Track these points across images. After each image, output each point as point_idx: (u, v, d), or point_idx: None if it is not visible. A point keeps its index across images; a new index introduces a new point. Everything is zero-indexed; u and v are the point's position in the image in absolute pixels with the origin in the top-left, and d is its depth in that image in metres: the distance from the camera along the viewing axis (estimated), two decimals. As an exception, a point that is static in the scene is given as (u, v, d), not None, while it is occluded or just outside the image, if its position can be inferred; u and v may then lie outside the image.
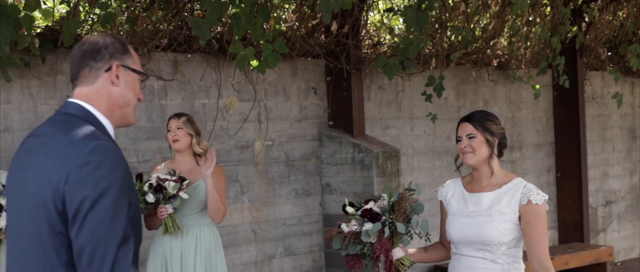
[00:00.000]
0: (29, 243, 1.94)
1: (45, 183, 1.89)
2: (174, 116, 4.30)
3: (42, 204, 1.89)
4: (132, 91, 2.09)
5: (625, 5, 7.87)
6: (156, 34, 4.97)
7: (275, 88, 5.86)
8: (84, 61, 2.04)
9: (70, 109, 2.02)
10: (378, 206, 3.23)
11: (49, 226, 1.89)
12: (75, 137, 1.92)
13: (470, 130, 3.04)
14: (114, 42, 2.06)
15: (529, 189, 2.99)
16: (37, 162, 1.95)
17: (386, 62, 5.81)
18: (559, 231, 7.87)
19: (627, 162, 8.73)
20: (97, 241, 1.83)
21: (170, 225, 4.13)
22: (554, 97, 7.83)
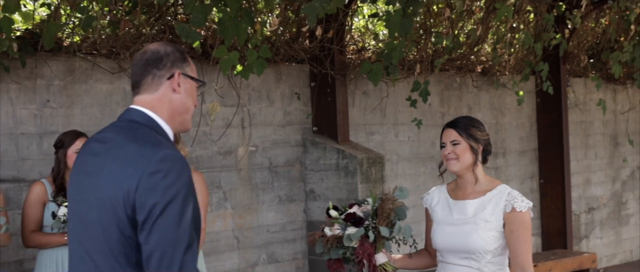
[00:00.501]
0: (97, 246, 2.02)
1: (116, 190, 1.97)
2: None
3: (112, 209, 1.98)
4: (191, 98, 2.19)
5: (607, 13, 7.91)
6: (138, 38, 4.90)
7: (258, 93, 5.80)
8: (146, 69, 2.12)
9: (134, 116, 2.11)
10: (362, 210, 3.19)
11: (119, 231, 1.97)
12: (144, 146, 2.01)
13: (454, 137, 3.01)
14: (175, 51, 2.15)
15: (513, 196, 2.96)
16: (107, 168, 2.03)
17: (371, 68, 5.78)
18: (542, 237, 7.88)
19: (609, 168, 8.77)
20: (166, 246, 1.92)
21: None
22: (537, 103, 7.85)
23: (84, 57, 4.81)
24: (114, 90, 5.01)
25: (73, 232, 2.14)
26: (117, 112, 5.02)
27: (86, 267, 2.06)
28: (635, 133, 9.08)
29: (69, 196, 2.19)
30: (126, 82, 5.05)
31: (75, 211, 2.14)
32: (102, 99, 4.96)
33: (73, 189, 2.16)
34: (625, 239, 8.98)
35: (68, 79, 4.78)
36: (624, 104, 8.95)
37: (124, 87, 5.05)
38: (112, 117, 4.99)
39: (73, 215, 2.15)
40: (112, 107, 5.01)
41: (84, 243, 2.07)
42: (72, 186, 2.17)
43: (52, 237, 3.95)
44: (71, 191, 2.18)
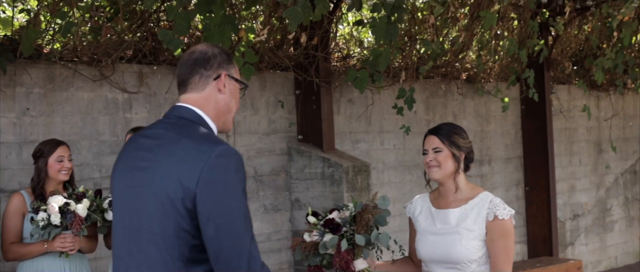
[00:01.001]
0: (149, 239, 2.06)
1: (174, 184, 2.03)
2: (131, 131, 4.12)
3: (169, 203, 2.03)
4: (234, 99, 2.27)
5: (590, 20, 7.95)
6: (120, 44, 4.82)
7: (242, 101, 5.71)
8: (194, 68, 2.19)
9: (183, 113, 2.18)
10: (340, 216, 3.15)
11: (176, 224, 2.03)
12: (201, 141, 2.08)
13: (436, 144, 2.97)
14: (221, 53, 2.23)
15: (495, 204, 2.93)
16: (162, 163, 2.08)
17: (356, 75, 5.73)
18: (528, 245, 7.86)
19: (594, 175, 8.79)
20: (233, 239, 2.00)
21: None
22: (522, 110, 7.85)
23: (65, 65, 4.71)
24: (96, 98, 4.92)
25: (121, 226, 2.17)
26: (99, 120, 4.93)
27: (134, 261, 2.10)
28: (618, 140, 9.11)
29: (117, 190, 2.21)
30: (108, 89, 4.96)
31: (125, 205, 2.16)
32: (84, 107, 4.86)
33: (122, 184, 2.19)
34: (610, 246, 8.99)
35: (48, 86, 4.68)
36: (607, 111, 8.99)
37: (106, 95, 4.96)
38: (94, 125, 4.90)
39: (122, 209, 2.17)
40: (93, 115, 4.91)
41: (133, 236, 2.11)
42: (121, 181, 2.20)
43: (32, 247, 3.85)
44: (119, 185, 2.20)
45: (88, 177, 4.84)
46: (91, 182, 4.76)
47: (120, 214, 2.20)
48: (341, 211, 3.17)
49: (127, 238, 2.14)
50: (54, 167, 3.97)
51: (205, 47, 2.23)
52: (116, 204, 2.23)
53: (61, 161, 3.99)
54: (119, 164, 2.25)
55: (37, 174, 3.97)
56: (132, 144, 2.23)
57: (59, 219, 3.70)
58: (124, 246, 2.15)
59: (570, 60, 8.30)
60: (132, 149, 2.22)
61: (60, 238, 3.80)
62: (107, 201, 3.90)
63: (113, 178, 2.26)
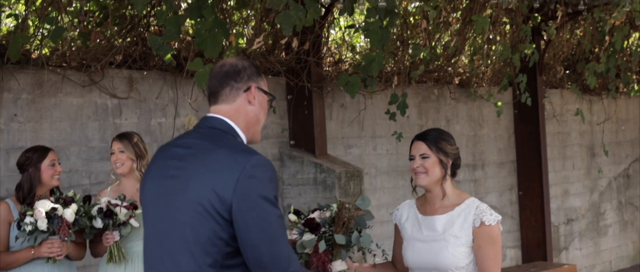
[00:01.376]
0: (181, 245, 2.12)
1: (209, 192, 2.09)
2: (116, 138, 4.04)
3: (204, 211, 2.09)
4: (263, 111, 2.33)
5: (582, 24, 7.94)
6: (110, 50, 4.77)
7: (234, 106, 5.68)
8: (225, 81, 2.25)
9: (215, 123, 2.24)
10: (320, 216, 3.08)
11: (211, 232, 2.09)
12: (235, 151, 2.16)
13: (423, 150, 2.94)
14: (251, 65, 2.30)
15: (482, 210, 2.89)
16: (197, 172, 2.14)
17: (348, 80, 5.70)
18: (522, 249, 7.83)
19: (587, 179, 8.77)
20: (272, 244, 2.10)
21: (115, 253, 3.88)
22: (514, 115, 7.83)
23: (53, 70, 4.65)
24: (85, 104, 4.86)
25: (152, 233, 2.23)
26: (88, 126, 4.87)
27: (166, 268, 2.15)
28: (611, 144, 9.11)
29: (147, 198, 2.26)
30: (97, 95, 4.91)
31: (156, 213, 2.22)
32: (73, 113, 4.81)
33: (153, 192, 2.24)
34: (604, 250, 8.97)
35: (36, 92, 4.63)
36: (599, 115, 8.98)
37: (95, 101, 4.90)
38: (83, 131, 4.84)
39: (153, 217, 2.23)
40: (82, 121, 4.85)
41: (165, 244, 2.16)
42: (152, 189, 2.25)
43: (19, 254, 3.79)
44: (150, 193, 2.25)
45: (77, 183, 4.78)
46: (80, 189, 4.70)
47: (151, 222, 2.25)
48: (322, 211, 3.13)
49: (158, 245, 2.19)
50: (48, 173, 3.92)
51: (235, 60, 2.30)
52: (147, 212, 2.28)
53: (53, 165, 3.94)
54: (149, 173, 2.30)
55: (28, 182, 3.91)
56: (164, 153, 2.29)
57: (45, 224, 3.63)
58: (155, 253, 2.20)
59: (563, 64, 8.30)
60: (164, 158, 2.27)
61: (47, 243, 3.74)
62: (95, 208, 3.83)
63: (143, 187, 2.31)
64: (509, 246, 7.73)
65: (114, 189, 4.07)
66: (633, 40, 8.54)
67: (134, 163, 3.97)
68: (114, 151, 3.99)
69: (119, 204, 3.83)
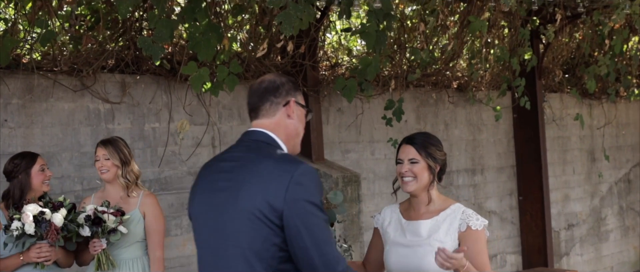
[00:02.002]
0: (237, 253, 2.22)
1: (260, 200, 2.21)
2: (101, 144, 3.96)
3: (256, 219, 2.20)
4: (301, 124, 2.44)
5: (581, 28, 7.88)
6: (102, 54, 4.70)
7: (229, 111, 5.61)
8: (265, 96, 2.37)
9: (258, 136, 2.35)
10: None
11: (264, 238, 2.21)
12: (282, 161, 2.27)
13: (413, 155, 2.88)
14: (289, 81, 2.41)
15: (468, 215, 2.85)
16: (246, 182, 2.25)
17: (345, 84, 5.63)
18: (523, 255, 7.74)
19: (588, 184, 8.69)
20: (323, 247, 2.22)
21: (103, 261, 3.80)
22: (514, 119, 7.76)
23: (44, 75, 4.59)
24: (77, 109, 4.79)
25: (205, 245, 2.33)
26: (80, 131, 4.80)
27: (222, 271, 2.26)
28: (611, 148, 9.03)
29: (198, 212, 2.37)
30: (89, 100, 4.84)
31: (209, 225, 2.31)
32: (64, 119, 4.74)
33: (204, 206, 2.35)
34: (606, 256, 8.88)
35: (27, 97, 4.56)
36: (599, 119, 8.91)
37: (87, 106, 4.83)
38: (75, 136, 4.77)
39: (206, 229, 2.32)
40: (74, 126, 4.78)
41: (219, 253, 2.26)
42: (202, 202, 2.36)
43: (8, 261, 3.71)
44: (200, 207, 2.36)
45: (69, 189, 4.71)
46: (72, 195, 4.62)
47: (204, 234, 2.34)
48: None
49: (213, 256, 2.29)
50: (38, 178, 3.87)
51: (273, 76, 2.43)
52: (198, 225, 2.37)
53: (43, 171, 3.87)
54: (198, 188, 2.41)
55: (18, 188, 3.84)
56: (210, 168, 2.41)
57: (33, 229, 3.56)
58: (210, 264, 2.30)
59: (562, 68, 8.22)
60: (211, 173, 2.38)
61: (36, 248, 3.66)
62: (82, 216, 3.75)
63: (192, 202, 2.41)
64: (509, 251, 7.65)
65: (98, 196, 3.99)
66: (633, 44, 8.47)
67: (118, 170, 3.90)
68: (99, 157, 3.91)
69: (106, 211, 3.76)
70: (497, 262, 7.51)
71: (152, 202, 3.96)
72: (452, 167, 7.12)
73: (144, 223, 3.93)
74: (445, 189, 6.92)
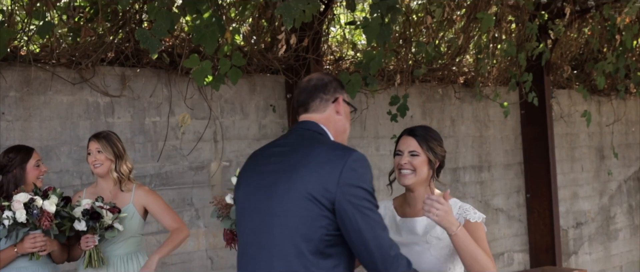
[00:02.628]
0: (285, 233, 2.25)
1: (313, 183, 2.25)
2: (93, 137, 3.87)
3: (308, 201, 2.24)
4: (348, 122, 2.52)
5: (590, 23, 7.75)
6: (101, 46, 4.62)
7: (232, 105, 5.53)
8: (314, 93, 2.45)
9: (310, 126, 2.42)
10: None
11: (314, 220, 2.24)
12: (336, 147, 2.34)
13: (414, 147, 2.77)
14: (335, 79, 2.50)
15: (465, 209, 2.75)
16: (299, 164, 2.30)
17: (349, 79, 5.53)
18: (531, 253, 7.62)
19: (596, 182, 8.56)
20: (376, 230, 2.27)
21: (95, 258, 3.72)
22: (521, 115, 7.64)
23: (42, 67, 4.51)
24: (76, 102, 4.72)
25: (251, 225, 2.35)
26: (79, 125, 4.72)
27: (268, 255, 2.28)
28: (620, 146, 8.90)
29: (244, 194, 2.40)
30: (88, 93, 4.76)
31: (255, 206, 2.35)
32: (63, 112, 4.66)
33: (251, 187, 2.38)
34: (615, 255, 8.75)
35: (25, 90, 4.48)
36: (608, 116, 8.77)
37: (86, 99, 4.75)
38: (74, 130, 4.69)
39: (252, 210, 2.35)
40: (73, 120, 4.70)
41: (265, 233, 2.29)
42: (249, 184, 2.40)
43: (2, 254, 3.65)
44: (247, 189, 2.40)
45: (68, 184, 4.63)
46: (71, 190, 4.54)
47: (249, 215, 2.37)
48: None
49: (259, 237, 2.31)
50: (33, 174, 3.80)
51: (320, 75, 2.51)
52: (244, 207, 2.41)
53: (38, 166, 3.80)
54: (246, 171, 2.46)
55: (13, 183, 3.76)
56: (260, 153, 2.46)
57: (24, 216, 3.48)
58: (255, 244, 2.32)
59: (570, 64, 8.09)
60: (261, 157, 2.44)
61: (30, 238, 3.58)
62: (79, 210, 3.66)
63: (239, 186, 2.46)
64: (517, 250, 7.53)
65: (90, 191, 3.92)
66: (643, 39, 8.33)
67: (112, 164, 3.82)
68: (91, 151, 3.83)
69: (102, 206, 3.68)
70: (504, 260, 7.39)
71: (146, 191, 3.90)
72: (458, 164, 7.01)
73: (139, 218, 3.86)
74: (451, 186, 6.82)
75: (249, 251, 2.35)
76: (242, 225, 2.41)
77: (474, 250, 2.60)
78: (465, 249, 2.60)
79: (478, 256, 2.59)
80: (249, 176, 2.43)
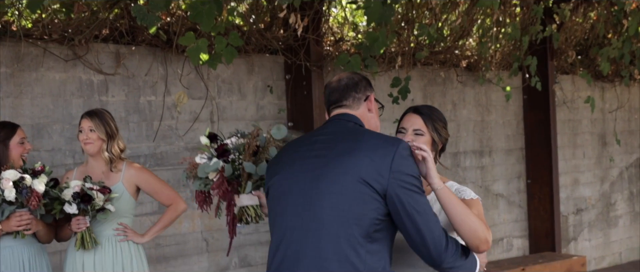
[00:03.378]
0: (334, 215, 2.27)
1: (366, 168, 2.27)
2: (86, 115, 3.75)
3: (360, 184, 2.27)
4: (378, 118, 2.58)
5: (596, 7, 7.62)
6: (94, 22, 4.50)
7: (229, 86, 5.42)
8: (347, 91, 2.49)
9: (350, 118, 2.46)
10: (234, 142, 2.86)
11: (365, 204, 2.27)
12: (384, 136, 2.39)
13: (419, 125, 2.66)
14: (364, 78, 2.55)
15: (461, 189, 2.66)
16: (349, 149, 2.32)
17: (348, 60, 5.42)
18: (530, 239, 7.55)
19: (598, 168, 8.47)
20: (426, 215, 2.32)
21: (87, 239, 3.63)
22: (524, 100, 7.53)
23: (34, 43, 4.39)
24: (68, 79, 4.61)
25: (292, 209, 2.34)
26: (72, 103, 4.62)
27: (313, 238, 2.28)
28: (623, 132, 8.79)
29: (284, 178, 2.39)
30: (82, 70, 4.65)
31: (300, 190, 2.34)
32: (55, 89, 4.55)
33: (294, 171, 2.38)
34: (614, 241, 8.68)
35: (16, 66, 4.37)
36: (612, 103, 8.66)
37: (79, 76, 4.65)
38: (67, 108, 4.59)
39: (295, 194, 2.35)
40: (66, 97, 4.60)
41: (312, 216, 2.30)
42: (291, 169, 2.39)
43: None
44: (287, 173, 2.39)
45: (60, 163, 4.54)
46: (63, 169, 4.45)
47: (292, 197, 2.35)
48: (238, 138, 2.87)
49: (302, 218, 2.31)
50: (17, 151, 3.68)
51: (350, 74, 2.55)
52: (285, 191, 2.39)
53: (22, 143, 3.69)
54: (284, 157, 2.46)
55: None
56: (300, 141, 2.47)
57: (13, 195, 3.38)
58: (298, 226, 2.31)
59: (575, 49, 7.96)
60: (303, 144, 2.44)
61: (16, 216, 3.49)
62: (69, 192, 3.56)
63: (275, 171, 2.44)
64: (516, 235, 7.46)
65: (81, 170, 3.81)
66: (649, 25, 8.19)
67: (103, 143, 3.71)
68: (83, 128, 3.72)
69: (92, 188, 3.58)
70: (504, 245, 7.32)
71: (137, 168, 3.80)
72: (459, 149, 6.92)
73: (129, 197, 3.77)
74: (452, 171, 6.73)
75: (292, 235, 2.33)
76: (281, 209, 2.38)
77: (463, 210, 2.45)
78: (453, 207, 2.46)
79: (468, 216, 2.44)
80: (291, 161, 2.42)
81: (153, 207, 4.99)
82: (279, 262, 2.35)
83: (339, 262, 2.25)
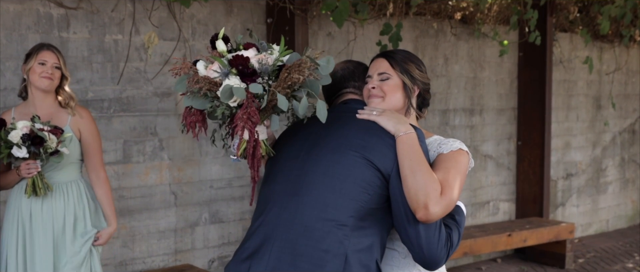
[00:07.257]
0: (329, 183, 2.17)
1: (375, 144, 2.18)
2: (48, 47, 3.40)
3: (362, 159, 2.17)
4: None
5: (601, -39, 7.20)
6: (54, -52, 4.04)
7: (205, 27, 4.99)
8: (347, 81, 2.46)
9: (359, 105, 2.35)
10: (259, 60, 2.19)
11: (365, 178, 2.16)
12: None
13: (384, 69, 2.30)
14: (360, 64, 2.50)
15: (444, 142, 2.26)
16: (358, 126, 2.23)
17: (336, 5, 4.99)
18: (517, 203, 7.26)
19: (591, 132, 8.16)
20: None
21: (39, 185, 3.28)
22: (519, 57, 7.15)
23: (-17, -32, 3.94)
24: (25, 11, 4.16)
25: (285, 174, 2.26)
26: (28, 38, 4.18)
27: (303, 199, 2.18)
28: (619, 96, 8.47)
29: (289, 145, 2.32)
30: (40, 3, 4.20)
31: (297, 156, 2.27)
32: (9, 22, 4.11)
33: (299, 140, 2.31)
34: (602, 208, 8.43)
35: (-37, -7, 3.92)
36: (609, 64, 8.31)
37: (37, 9, 4.20)
38: (22, 44, 4.15)
39: (290, 159, 2.28)
40: (21, 32, 4.16)
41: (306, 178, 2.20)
42: (298, 137, 2.32)
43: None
44: (293, 140, 2.31)
45: (14, 103, 4.11)
46: (16, 111, 4.03)
47: (287, 164, 2.27)
48: (263, 53, 2.21)
49: (291, 183, 2.22)
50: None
51: (345, 64, 2.51)
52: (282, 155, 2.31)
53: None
54: (291, 130, 2.39)
55: None
56: (310, 120, 2.32)
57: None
58: (287, 190, 2.21)
59: (576, 5, 7.56)
60: (308, 123, 2.31)
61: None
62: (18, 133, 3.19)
63: (281, 140, 2.39)
64: (503, 199, 7.17)
65: (20, 111, 3.43)
66: (654, -16, 7.79)
67: (63, 80, 3.42)
68: (47, 62, 3.35)
69: (43, 129, 3.21)
70: (490, 209, 7.03)
71: (87, 115, 3.47)
72: (448, 106, 6.56)
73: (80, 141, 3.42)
74: (440, 129, 6.38)
75: (278, 199, 2.23)
76: (275, 173, 2.29)
77: (412, 165, 2.09)
78: (402, 159, 2.11)
79: (416, 173, 2.08)
80: (295, 133, 2.36)
81: (117, 156, 4.62)
82: (259, 224, 2.22)
83: (322, 230, 2.13)
